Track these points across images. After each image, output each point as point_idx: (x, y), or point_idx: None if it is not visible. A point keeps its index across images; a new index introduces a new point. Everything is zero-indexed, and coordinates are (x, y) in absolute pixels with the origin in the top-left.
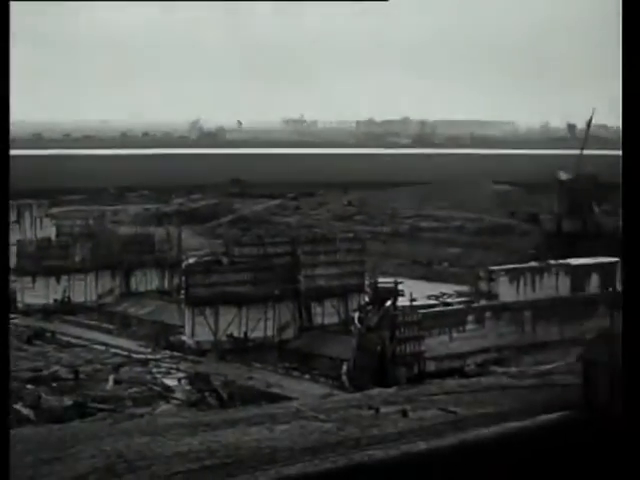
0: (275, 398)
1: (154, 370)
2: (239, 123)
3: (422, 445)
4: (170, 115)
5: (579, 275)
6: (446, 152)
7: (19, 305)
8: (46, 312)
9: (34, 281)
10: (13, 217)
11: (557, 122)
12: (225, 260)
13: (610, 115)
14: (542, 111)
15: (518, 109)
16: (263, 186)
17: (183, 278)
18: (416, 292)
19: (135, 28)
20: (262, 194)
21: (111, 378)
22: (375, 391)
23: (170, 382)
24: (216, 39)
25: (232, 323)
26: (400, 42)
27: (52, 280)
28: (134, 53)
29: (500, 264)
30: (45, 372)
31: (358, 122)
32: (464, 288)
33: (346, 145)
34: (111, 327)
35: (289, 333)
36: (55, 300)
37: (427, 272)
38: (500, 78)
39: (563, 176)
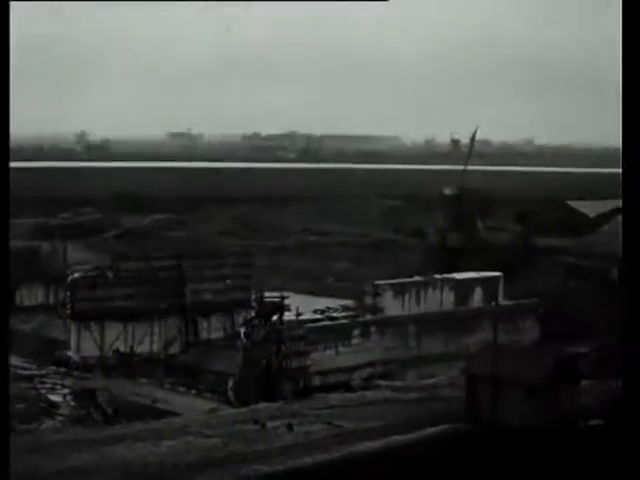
0: (161, 414)
1: (39, 386)
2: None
3: (308, 459)
4: (56, 127)
5: (463, 289)
6: (333, 167)
7: None
8: None
9: None
10: None
11: (442, 137)
12: (110, 274)
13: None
14: (427, 126)
15: (404, 123)
16: (149, 200)
17: (68, 293)
18: (302, 306)
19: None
20: (148, 208)
21: None
22: (261, 406)
23: (55, 398)
24: (105, 50)
25: (118, 338)
26: (283, 56)
27: None
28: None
29: (385, 278)
30: None
31: (244, 136)
32: (350, 302)
33: (233, 159)
34: None
35: (175, 348)
36: None
37: (313, 286)
38: (387, 92)
39: (447, 191)
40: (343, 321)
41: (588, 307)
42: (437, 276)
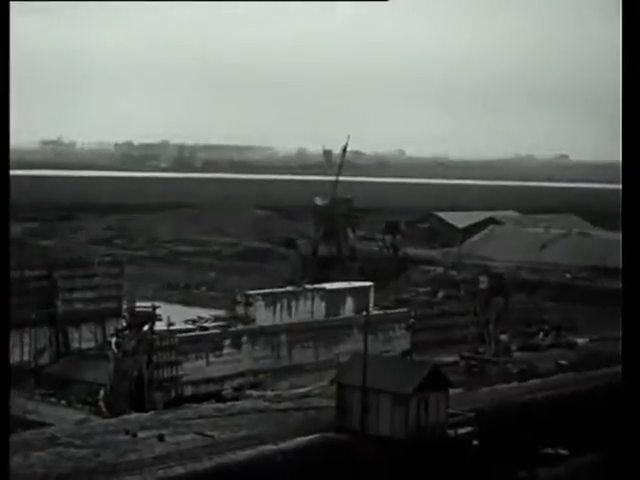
0: (31, 424)
1: None
2: None
3: (179, 469)
4: None
5: (334, 299)
6: (205, 176)
7: None
8: None
9: None
10: None
11: (314, 148)
12: None
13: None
14: (299, 137)
15: (277, 134)
16: (20, 208)
17: None
18: (174, 316)
19: None
20: (19, 216)
21: None
22: (132, 416)
23: None
24: None
25: None
26: (157, 64)
27: None
28: None
29: (257, 288)
30: None
31: (117, 144)
32: (221, 312)
33: (105, 167)
34: None
35: (46, 358)
36: None
37: (185, 296)
38: (260, 103)
39: (319, 202)
40: (214, 331)
41: (457, 316)
42: (308, 286)
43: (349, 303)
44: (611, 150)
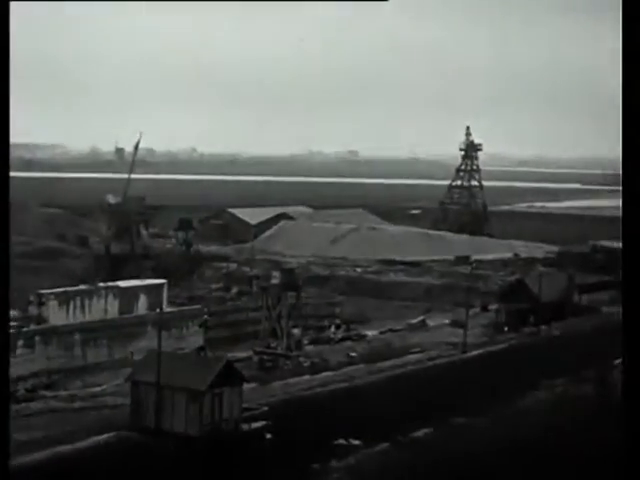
0: None
1: None
2: None
3: None
4: None
5: (128, 297)
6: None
7: None
8: None
9: None
10: None
11: (107, 146)
12: None
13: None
14: (92, 134)
15: (69, 132)
16: None
17: None
18: None
19: None
20: None
21: None
22: None
23: None
24: None
25: None
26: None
27: None
28: None
29: (50, 287)
30: None
31: None
32: (14, 312)
33: None
34: None
35: None
36: None
37: None
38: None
39: (111, 199)
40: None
41: (250, 312)
42: (101, 284)
43: (143, 301)
44: (394, 146)
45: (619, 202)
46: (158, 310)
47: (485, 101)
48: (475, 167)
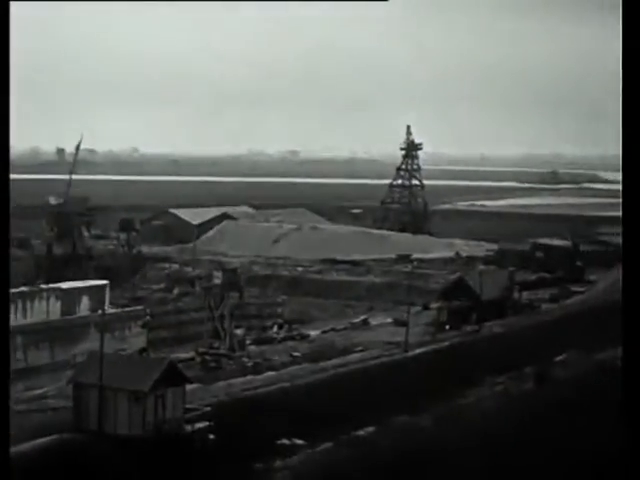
0: None
1: None
2: None
3: None
4: None
5: (69, 298)
6: None
7: None
8: None
9: None
10: None
11: (47, 146)
12: None
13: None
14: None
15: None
16: None
17: None
18: None
19: None
20: None
21: None
22: None
23: None
24: None
25: None
26: None
27: None
28: None
29: None
30: None
31: None
32: None
33: None
34: None
35: None
36: None
37: None
38: None
39: (53, 201)
40: None
41: (192, 312)
42: (43, 286)
43: (85, 302)
44: (335, 146)
45: (558, 200)
46: (100, 311)
47: (426, 100)
48: (416, 166)
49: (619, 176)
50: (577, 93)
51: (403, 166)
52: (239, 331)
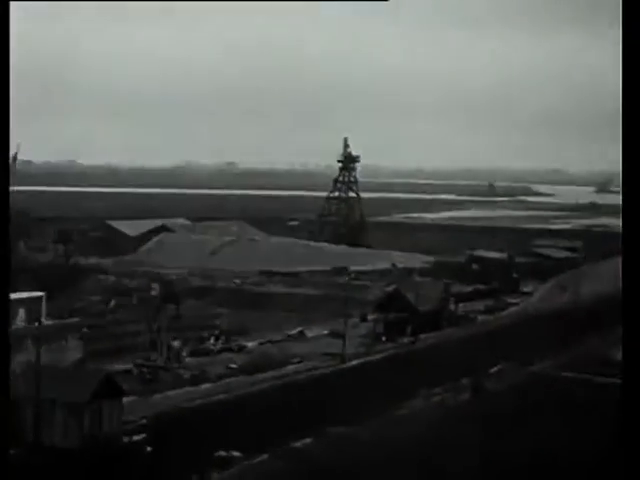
0: None
1: None
2: None
3: None
4: None
5: None
6: None
7: None
8: None
9: None
10: None
11: None
12: None
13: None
14: None
15: None
16: None
17: None
18: None
19: None
20: None
21: None
22: None
23: None
24: None
25: None
26: None
27: None
28: None
29: None
30: None
31: None
32: None
33: None
34: None
35: None
36: None
37: None
38: None
39: None
40: None
41: (129, 324)
42: None
43: (21, 314)
44: (272, 158)
45: (494, 213)
46: (37, 323)
47: (363, 113)
48: (353, 179)
49: (551, 189)
50: (516, 107)
51: (340, 178)
52: (176, 343)
